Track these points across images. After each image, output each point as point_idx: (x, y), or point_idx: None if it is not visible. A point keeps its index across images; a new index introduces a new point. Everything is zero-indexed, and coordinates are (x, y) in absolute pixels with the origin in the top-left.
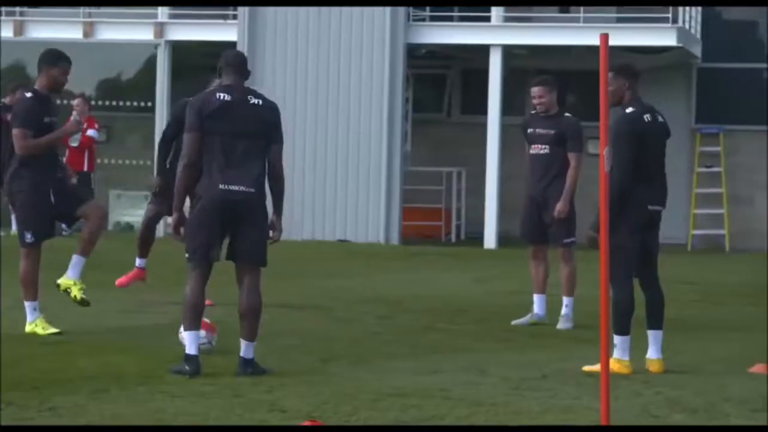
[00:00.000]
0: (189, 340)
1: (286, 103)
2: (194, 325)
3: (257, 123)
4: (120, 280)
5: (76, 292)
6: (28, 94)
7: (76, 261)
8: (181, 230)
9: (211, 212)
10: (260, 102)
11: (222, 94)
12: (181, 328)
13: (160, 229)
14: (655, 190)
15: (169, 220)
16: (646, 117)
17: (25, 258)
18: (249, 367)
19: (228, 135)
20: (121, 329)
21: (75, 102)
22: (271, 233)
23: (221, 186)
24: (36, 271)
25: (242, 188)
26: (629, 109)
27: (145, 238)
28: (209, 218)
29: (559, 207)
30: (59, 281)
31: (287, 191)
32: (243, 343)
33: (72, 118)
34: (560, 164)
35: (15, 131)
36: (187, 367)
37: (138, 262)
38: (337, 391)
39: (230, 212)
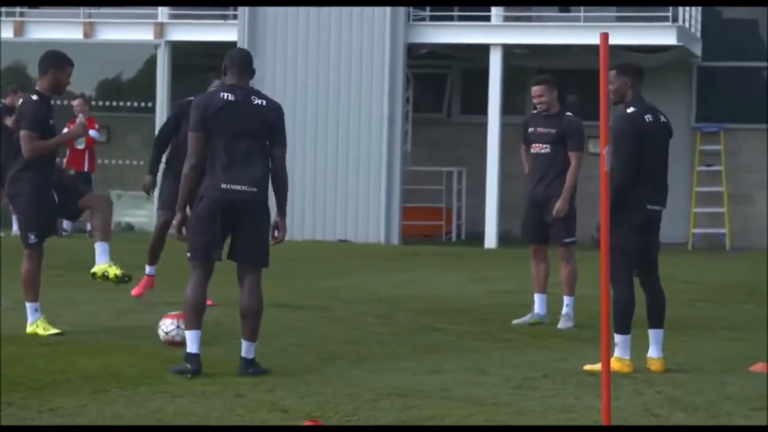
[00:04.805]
0: (190, 339)
1: (286, 102)
2: (195, 324)
3: (260, 123)
4: (135, 291)
5: (113, 272)
6: (34, 97)
7: (100, 249)
8: (183, 230)
9: (213, 212)
10: (264, 102)
11: (226, 94)
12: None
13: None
14: (656, 189)
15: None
16: (648, 117)
17: (27, 259)
18: (250, 367)
19: (231, 135)
20: (120, 329)
21: (75, 102)
22: (275, 233)
23: (223, 185)
24: (38, 272)
25: (244, 188)
26: (630, 109)
27: (156, 246)
28: (211, 218)
29: (558, 206)
30: (93, 270)
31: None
32: (244, 343)
33: (78, 120)
34: (561, 163)
35: (22, 133)
36: (188, 366)
37: (148, 269)
38: (337, 392)
39: (232, 212)
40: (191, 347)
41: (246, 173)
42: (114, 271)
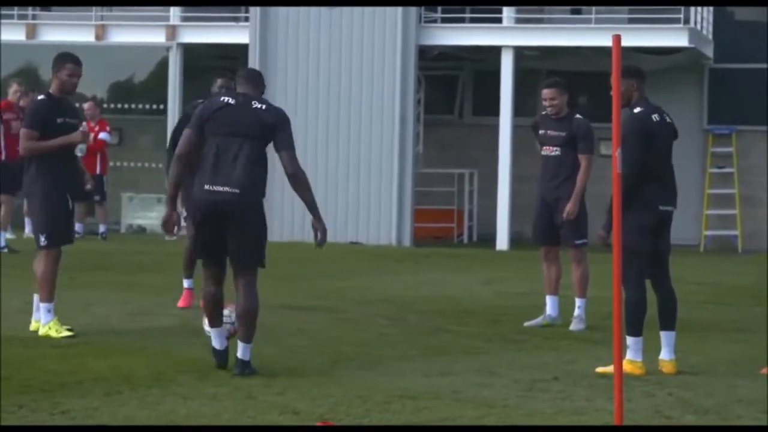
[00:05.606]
0: (212, 336)
1: (297, 104)
2: (214, 321)
3: (255, 125)
4: (181, 306)
5: (54, 334)
6: (39, 96)
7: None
8: (175, 228)
9: (200, 213)
10: (263, 106)
11: (227, 98)
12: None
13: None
14: (666, 190)
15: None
16: (654, 117)
17: (44, 258)
18: (246, 368)
19: (224, 136)
20: (130, 331)
21: (86, 105)
22: (317, 236)
23: (206, 186)
24: (54, 272)
25: (226, 189)
26: (637, 109)
27: (190, 258)
28: (200, 219)
29: (569, 208)
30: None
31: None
32: (240, 345)
33: (80, 129)
34: (571, 166)
35: (21, 131)
36: (215, 360)
37: (185, 283)
38: (348, 393)
39: (218, 212)
40: (213, 342)
41: (231, 174)
42: (54, 333)
